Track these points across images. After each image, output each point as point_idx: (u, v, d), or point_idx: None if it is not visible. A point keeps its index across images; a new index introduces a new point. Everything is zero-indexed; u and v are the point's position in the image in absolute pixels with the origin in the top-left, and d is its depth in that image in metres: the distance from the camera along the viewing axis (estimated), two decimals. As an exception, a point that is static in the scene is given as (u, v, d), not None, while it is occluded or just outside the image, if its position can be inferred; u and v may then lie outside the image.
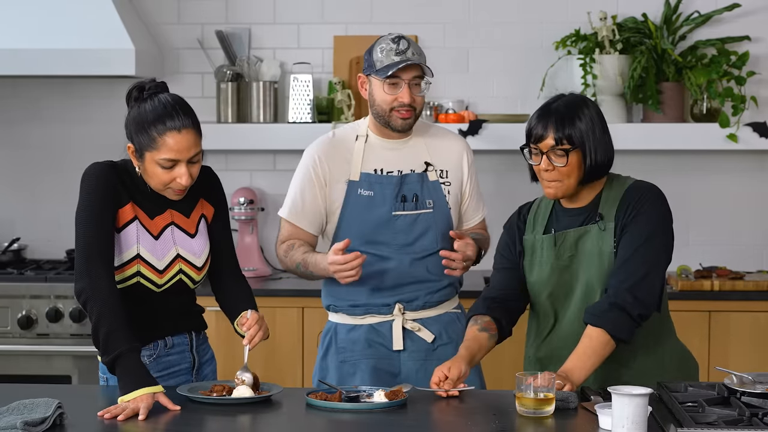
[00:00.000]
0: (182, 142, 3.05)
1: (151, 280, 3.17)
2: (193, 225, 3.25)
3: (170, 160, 3.05)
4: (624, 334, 3.07)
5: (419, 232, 3.58)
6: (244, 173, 5.35)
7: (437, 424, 2.94)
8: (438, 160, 3.64)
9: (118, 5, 5.02)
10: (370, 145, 3.61)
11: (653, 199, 3.18)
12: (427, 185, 3.60)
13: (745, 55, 5.08)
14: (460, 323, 3.64)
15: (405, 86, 3.49)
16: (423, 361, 3.58)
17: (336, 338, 3.63)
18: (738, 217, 5.28)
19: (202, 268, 3.26)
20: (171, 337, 3.27)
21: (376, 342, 3.59)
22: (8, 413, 2.80)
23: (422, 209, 3.59)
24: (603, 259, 3.17)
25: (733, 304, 4.72)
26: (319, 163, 3.58)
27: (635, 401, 2.66)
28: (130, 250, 3.14)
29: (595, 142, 3.14)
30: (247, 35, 5.36)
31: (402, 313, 3.57)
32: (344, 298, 3.60)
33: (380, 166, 3.59)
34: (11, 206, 5.48)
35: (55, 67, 4.96)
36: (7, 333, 4.89)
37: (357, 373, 3.57)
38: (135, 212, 3.15)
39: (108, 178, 3.11)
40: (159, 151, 3.05)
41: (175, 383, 3.24)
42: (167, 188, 3.12)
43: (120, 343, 2.99)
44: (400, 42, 3.50)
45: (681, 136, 5.06)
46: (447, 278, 3.61)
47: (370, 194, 3.56)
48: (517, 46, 5.30)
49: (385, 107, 3.52)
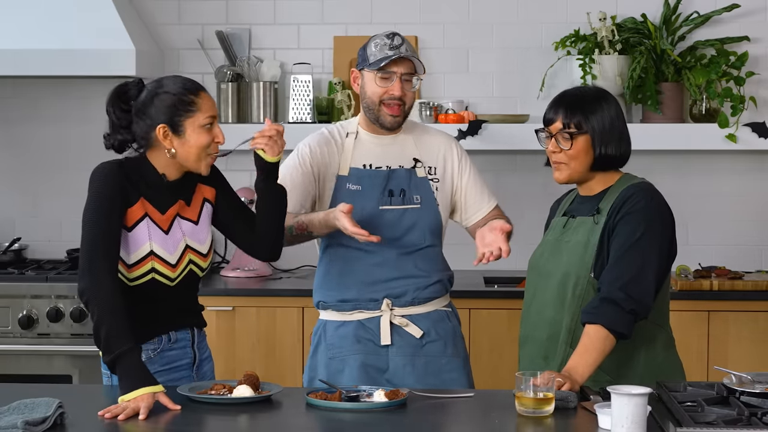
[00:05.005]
0: (212, 101, 3.23)
1: (165, 275, 3.20)
2: (195, 212, 3.29)
3: (211, 116, 3.19)
4: (620, 327, 3.08)
5: (406, 227, 3.60)
6: (244, 173, 5.34)
7: (437, 424, 2.94)
8: (426, 157, 3.67)
9: (119, 5, 5.03)
10: (360, 140, 3.65)
11: (646, 199, 3.20)
12: (414, 181, 3.63)
13: (744, 56, 5.08)
14: (450, 322, 3.67)
15: (396, 80, 3.54)
16: (411, 356, 3.59)
17: (325, 335, 3.65)
18: (737, 217, 5.29)
19: (207, 254, 3.30)
20: (174, 332, 3.29)
21: (365, 338, 3.60)
22: (9, 413, 2.81)
23: (409, 204, 3.61)
24: (587, 249, 3.22)
25: (732, 303, 4.72)
26: (310, 153, 3.63)
27: (635, 401, 2.67)
28: (143, 248, 3.17)
29: (607, 133, 3.23)
30: (247, 35, 5.36)
31: (390, 308, 3.59)
32: (333, 294, 3.62)
33: (369, 161, 3.62)
34: (12, 206, 5.49)
35: (55, 67, 4.96)
36: (8, 333, 4.89)
37: (345, 369, 3.59)
38: (145, 209, 3.18)
39: (116, 178, 3.14)
40: (201, 111, 3.18)
41: (176, 378, 3.27)
42: (206, 156, 3.20)
43: (120, 343, 3.00)
44: (394, 38, 3.56)
45: (680, 136, 5.06)
46: (436, 274, 3.63)
47: (358, 188, 3.59)
48: (517, 46, 5.30)
49: (375, 99, 3.57)
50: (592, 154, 3.23)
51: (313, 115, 5.21)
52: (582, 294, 3.20)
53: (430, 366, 3.60)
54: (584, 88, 3.38)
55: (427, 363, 3.59)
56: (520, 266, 4.99)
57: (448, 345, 3.64)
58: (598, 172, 3.28)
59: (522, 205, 5.19)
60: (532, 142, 5.22)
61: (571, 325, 3.21)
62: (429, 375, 3.58)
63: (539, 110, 5.13)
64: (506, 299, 4.70)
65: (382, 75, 3.55)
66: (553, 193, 3.58)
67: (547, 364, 3.22)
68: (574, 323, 3.20)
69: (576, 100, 3.27)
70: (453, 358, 3.64)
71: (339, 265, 3.61)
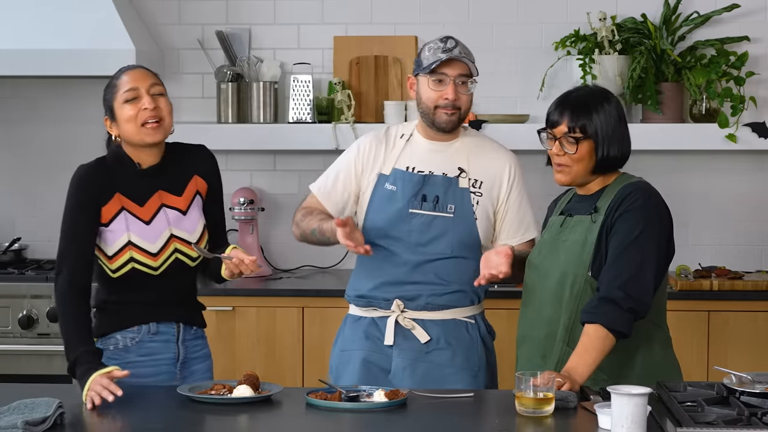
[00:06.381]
0: (137, 74, 3.28)
1: (146, 265, 3.27)
2: (185, 202, 3.34)
3: (131, 89, 3.24)
4: (620, 326, 3.08)
5: (434, 235, 3.56)
6: (244, 173, 5.35)
7: (437, 424, 2.94)
8: (475, 170, 3.61)
9: (119, 5, 5.03)
10: (412, 143, 3.64)
11: (644, 197, 3.20)
12: (453, 190, 3.58)
13: (744, 56, 5.08)
14: (469, 333, 3.60)
15: (450, 83, 3.52)
16: (412, 360, 3.56)
17: (344, 328, 3.69)
18: (737, 217, 5.28)
19: (197, 243, 3.33)
20: (156, 324, 3.33)
21: (374, 335, 3.60)
22: (9, 413, 2.81)
23: (441, 212, 3.56)
24: (585, 248, 3.21)
25: (732, 303, 4.72)
26: (363, 153, 3.65)
27: (634, 401, 2.67)
28: (121, 239, 3.26)
29: (610, 136, 3.22)
30: (248, 35, 5.36)
31: (401, 310, 3.58)
32: (354, 288, 3.67)
33: (414, 164, 3.61)
34: (12, 206, 5.48)
35: (55, 67, 4.96)
36: (8, 333, 4.90)
37: (350, 364, 3.60)
38: (122, 203, 3.27)
39: (89, 181, 3.29)
40: (119, 88, 3.27)
41: (155, 372, 3.30)
42: (141, 127, 3.25)
43: (74, 349, 3.16)
44: (447, 41, 3.55)
45: (680, 136, 5.06)
46: (458, 284, 3.58)
47: (393, 189, 3.59)
48: (517, 46, 5.30)
49: (430, 105, 3.55)
50: (595, 158, 3.23)
51: (313, 115, 5.20)
52: (579, 293, 3.20)
53: (433, 374, 3.54)
54: (588, 89, 3.34)
55: (429, 370, 3.54)
56: (520, 266, 5.01)
57: (457, 355, 3.56)
58: (599, 174, 3.27)
59: (522, 205, 5.20)
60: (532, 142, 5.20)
61: (569, 323, 3.21)
62: (430, 382, 3.50)
63: (539, 110, 5.18)
64: (506, 299, 4.69)
65: (435, 78, 3.52)
66: (551, 193, 3.57)
67: (545, 363, 3.22)
68: (571, 322, 3.20)
69: (581, 103, 3.23)
70: (461, 370, 3.56)
71: (368, 262, 3.61)
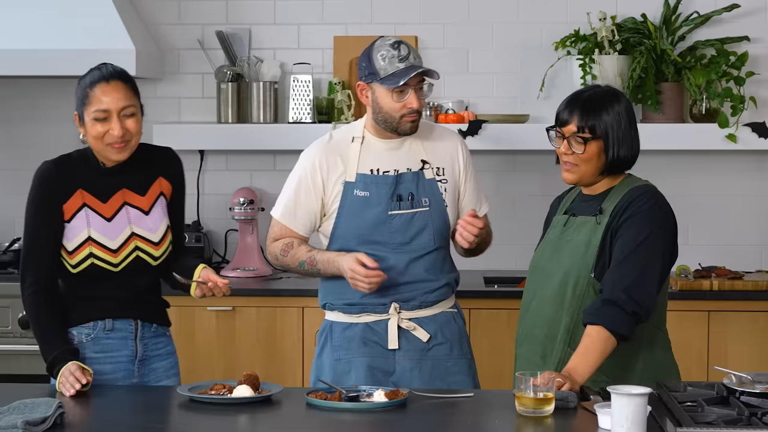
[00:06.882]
0: (110, 95, 3.22)
1: (106, 261, 3.29)
2: (148, 202, 3.36)
3: (102, 110, 3.22)
4: (622, 328, 3.08)
5: (416, 231, 3.58)
6: (244, 173, 5.35)
7: (437, 424, 2.94)
8: (434, 158, 3.63)
9: (119, 6, 5.02)
10: (366, 145, 3.61)
11: (651, 202, 3.19)
12: (422, 184, 3.60)
13: (744, 56, 5.08)
14: (456, 323, 3.66)
15: (411, 92, 3.50)
16: (418, 360, 3.58)
17: (332, 336, 3.63)
18: (737, 217, 5.29)
19: (160, 243, 3.35)
20: (113, 320, 3.34)
21: (372, 340, 3.59)
22: (9, 413, 2.81)
23: (418, 207, 3.58)
24: (588, 250, 3.21)
25: (733, 303, 4.72)
26: (319, 167, 3.58)
27: (635, 401, 2.66)
28: (81, 234, 3.28)
29: (619, 137, 3.22)
30: (248, 36, 5.36)
31: (398, 312, 3.58)
32: (340, 297, 3.61)
33: (376, 166, 3.59)
34: (11, 206, 5.48)
35: (55, 67, 4.96)
36: (8, 333, 4.90)
37: (352, 371, 3.58)
38: (84, 199, 3.29)
39: (48, 180, 3.30)
40: (91, 104, 3.23)
41: (112, 370, 3.32)
42: (107, 146, 3.25)
43: (50, 350, 3.20)
44: (400, 47, 3.49)
45: (680, 136, 5.06)
46: (444, 278, 3.62)
47: (366, 194, 3.56)
48: (517, 46, 5.30)
49: (394, 115, 3.52)
50: (604, 158, 3.22)
51: (313, 115, 5.20)
52: (582, 294, 3.20)
53: (436, 369, 3.59)
54: (599, 89, 3.30)
55: (433, 366, 3.58)
56: (520, 266, 5.01)
57: (454, 347, 3.63)
58: (607, 175, 3.27)
59: (521, 205, 5.20)
60: (532, 142, 5.23)
61: (570, 324, 3.21)
62: (435, 378, 3.57)
63: (539, 110, 5.19)
64: (506, 299, 4.70)
65: (398, 90, 3.48)
66: (552, 193, 3.57)
67: (545, 363, 3.22)
68: (573, 323, 3.20)
69: (591, 103, 3.22)
70: (459, 360, 3.63)
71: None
